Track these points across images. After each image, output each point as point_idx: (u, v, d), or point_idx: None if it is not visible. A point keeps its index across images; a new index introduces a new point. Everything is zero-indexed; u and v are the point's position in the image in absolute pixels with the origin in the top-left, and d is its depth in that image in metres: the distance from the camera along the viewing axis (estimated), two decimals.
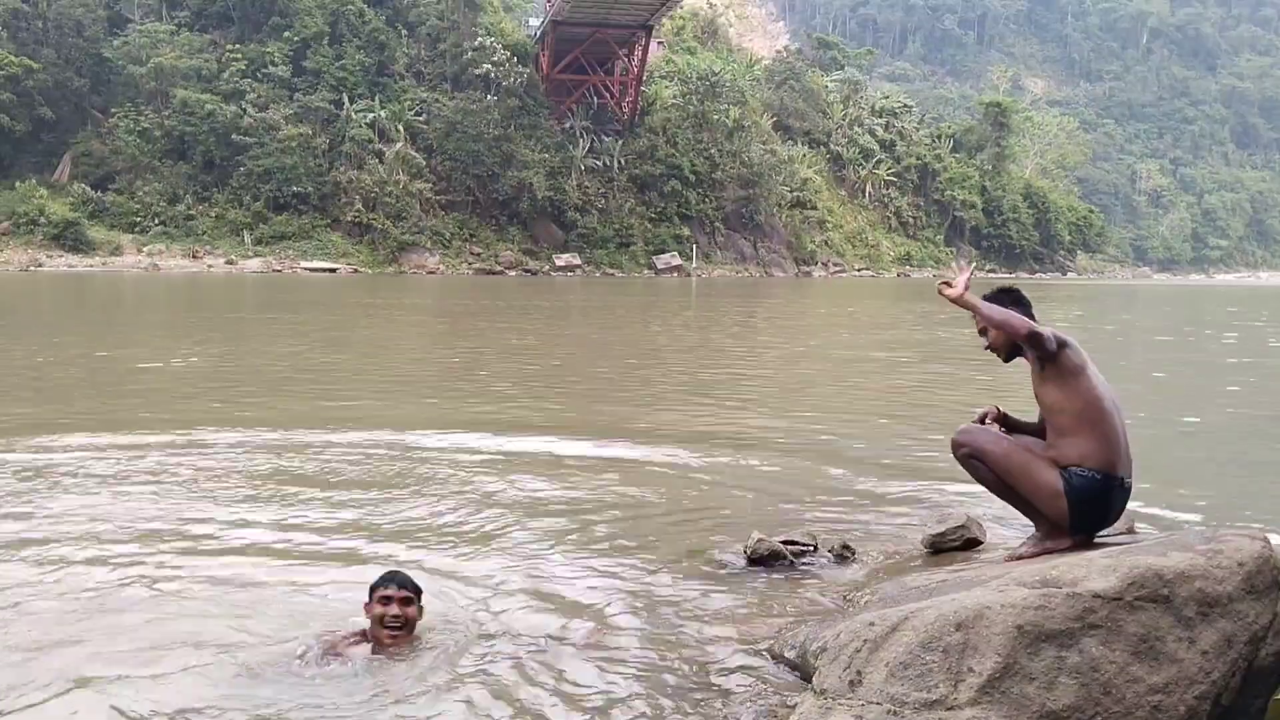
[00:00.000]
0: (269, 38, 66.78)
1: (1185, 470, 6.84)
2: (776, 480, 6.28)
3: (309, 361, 13.67)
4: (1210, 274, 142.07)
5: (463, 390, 10.80)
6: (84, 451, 6.72)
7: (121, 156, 61.67)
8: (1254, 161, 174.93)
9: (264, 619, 3.75)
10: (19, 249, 55.58)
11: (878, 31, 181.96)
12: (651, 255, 70.32)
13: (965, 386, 11.40)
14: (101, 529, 4.94)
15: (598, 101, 72.97)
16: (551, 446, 7.29)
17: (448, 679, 3.25)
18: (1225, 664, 2.66)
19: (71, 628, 3.66)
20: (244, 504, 5.50)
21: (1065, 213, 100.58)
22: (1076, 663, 2.57)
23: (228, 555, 4.62)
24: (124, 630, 3.65)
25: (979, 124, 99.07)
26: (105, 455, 6.62)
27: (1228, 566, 2.75)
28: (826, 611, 3.76)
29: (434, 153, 66.73)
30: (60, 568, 4.37)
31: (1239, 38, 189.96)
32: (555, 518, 5.29)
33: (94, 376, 11.57)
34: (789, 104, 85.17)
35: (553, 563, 4.54)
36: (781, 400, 10.46)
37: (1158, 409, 9.85)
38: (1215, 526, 5.07)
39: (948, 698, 2.54)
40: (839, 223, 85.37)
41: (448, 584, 4.16)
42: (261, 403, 9.50)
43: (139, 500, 5.51)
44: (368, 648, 3.41)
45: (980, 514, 4.70)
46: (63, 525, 5.00)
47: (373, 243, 63.60)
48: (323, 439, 7.28)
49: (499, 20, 73.87)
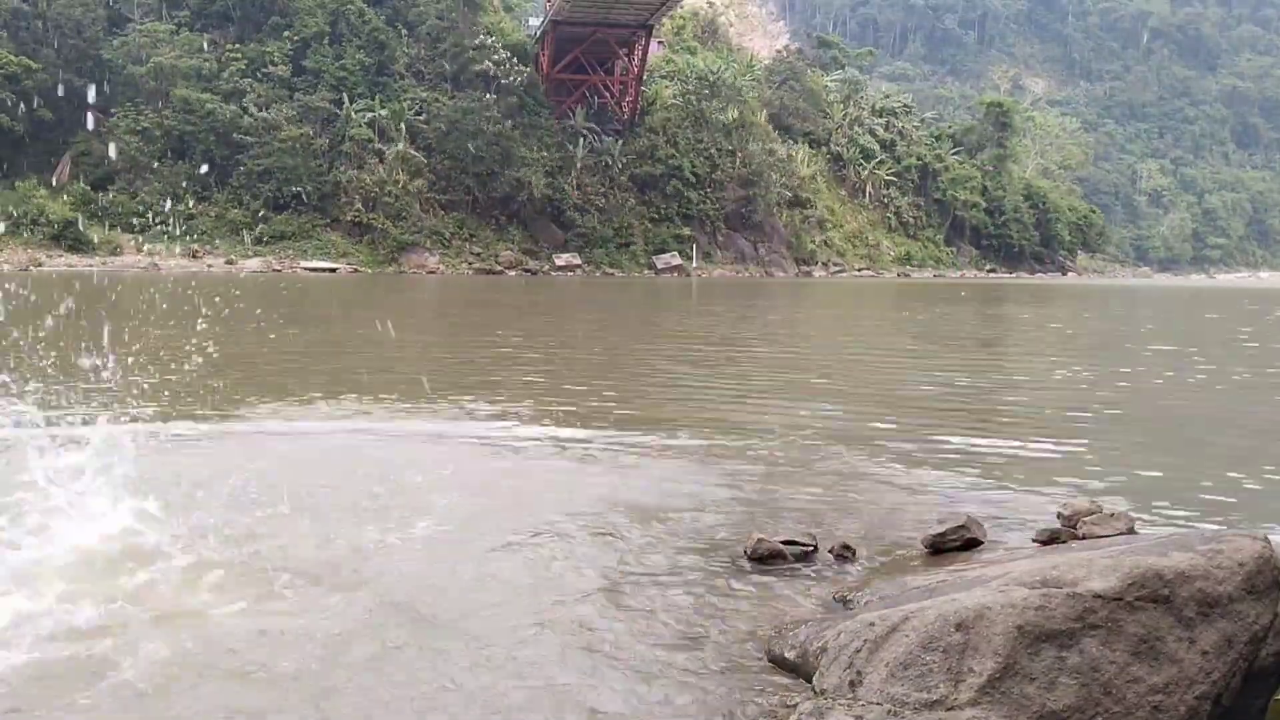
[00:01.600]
0: (269, 37, 66.83)
1: (1186, 469, 6.84)
2: (777, 479, 6.28)
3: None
4: (1211, 274, 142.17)
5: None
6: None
7: (121, 156, 61.69)
8: (1254, 161, 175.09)
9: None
10: (18, 249, 55.61)
11: (878, 31, 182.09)
12: (651, 255, 70.38)
13: (965, 385, 11.41)
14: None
15: (598, 101, 73.00)
16: (554, 432, 7.33)
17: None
18: (1225, 664, 2.66)
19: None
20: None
21: (1066, 213, 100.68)
22: (1077, 663, 2.57)
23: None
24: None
25: (980, 124, 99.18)
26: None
27: (1228, 567, 2.75)
28: (826, 611, 3.75)
29: (434, 152, 66.76)
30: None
31: (1239, 38, 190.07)
32: (554, 517, 5.29)
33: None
34: (789, 104, 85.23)
35: (553, 562, 4.54)
36: (780, 401, 10.46)
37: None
38: (1215, 526, 5.07)
39: (948, 698, 2.54)
40: (839, 222, 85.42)
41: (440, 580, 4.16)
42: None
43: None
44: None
45: (980, 514, 4.69)
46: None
47: (372, 242, 63.66)
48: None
49: (499, 20, 73.95)
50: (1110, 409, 9.84)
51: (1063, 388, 11.53)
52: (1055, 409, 9.65)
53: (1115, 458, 7.18)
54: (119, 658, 3.26)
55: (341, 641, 3.46)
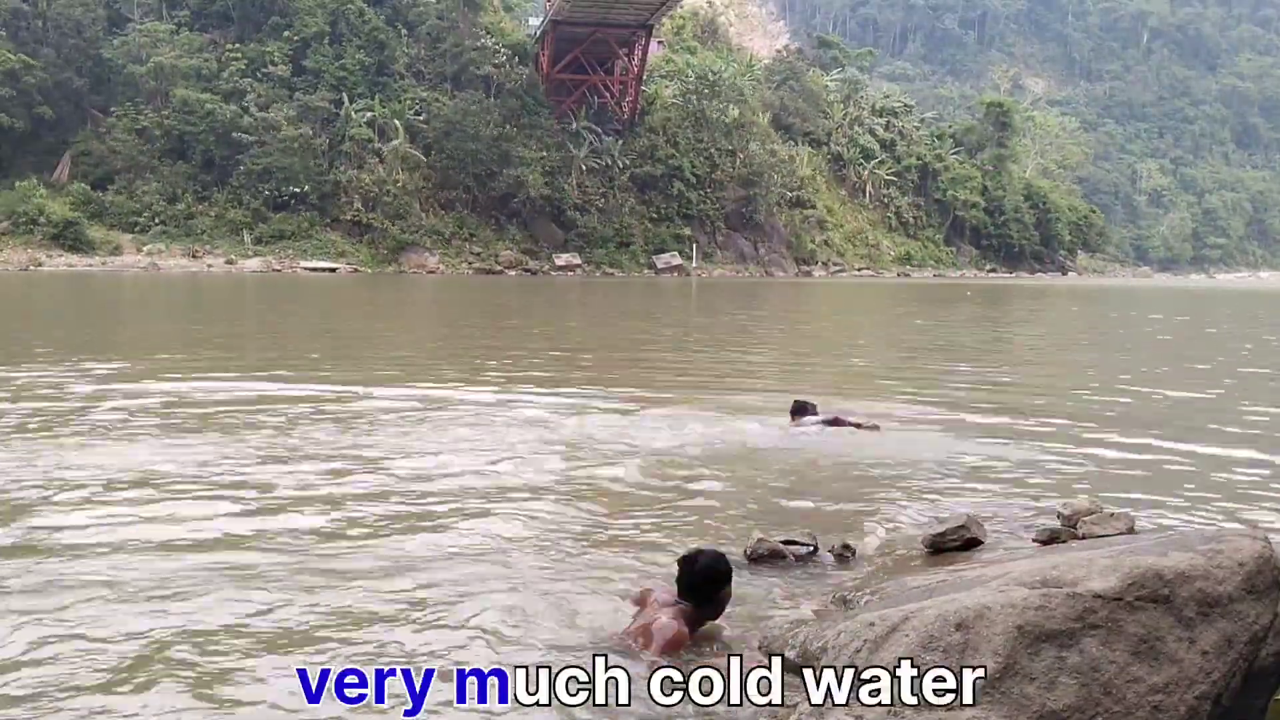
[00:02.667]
0: (269, 37, 66.79)
1: (1185, 469, 6.84)
2: (778, 479, 6.28)
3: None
4: (1211, 274, 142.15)
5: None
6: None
7: (121, 156, 61.67)
8: (1254, 161, 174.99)
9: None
10: (18, 248, 55.59)
11: (878, 31, 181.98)
12: (651, 255, 70.37)
13: (967, 385, 11.40)
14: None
15: (598, 101, 72.97)
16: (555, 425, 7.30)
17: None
18: (1225, 664, 2.66)
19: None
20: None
21: (1066, 212, 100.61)
22: (1077, 663, 2.57)
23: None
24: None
25: (980, 124, 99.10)
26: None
27: (1228, 566, 2.75)
28: (826, 611, 3.75)
29: (433, 152, 66.73)
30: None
31: (1239, 38, 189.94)
32: (553, 513, 5.29)
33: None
34: (789, 103, 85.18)
35: (553, 561, 4.54)
36: (779, 399, 10.45)
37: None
38: (1216, 526, 5.07)
39: None
40: (839, 222, 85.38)
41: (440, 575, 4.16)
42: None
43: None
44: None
45: (980, 514, 4.69)
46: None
47: (372, 242, 63.64)
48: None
49: (499, 20, 73.91)
50: (1111, 408, 9.84)
51: (1063, 388, 11.53)
52: (1056, 409, 9.65)
53: (1116, 457, 7.17)
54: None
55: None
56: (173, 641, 3.54)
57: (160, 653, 3.46)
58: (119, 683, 3.25)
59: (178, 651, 3.46)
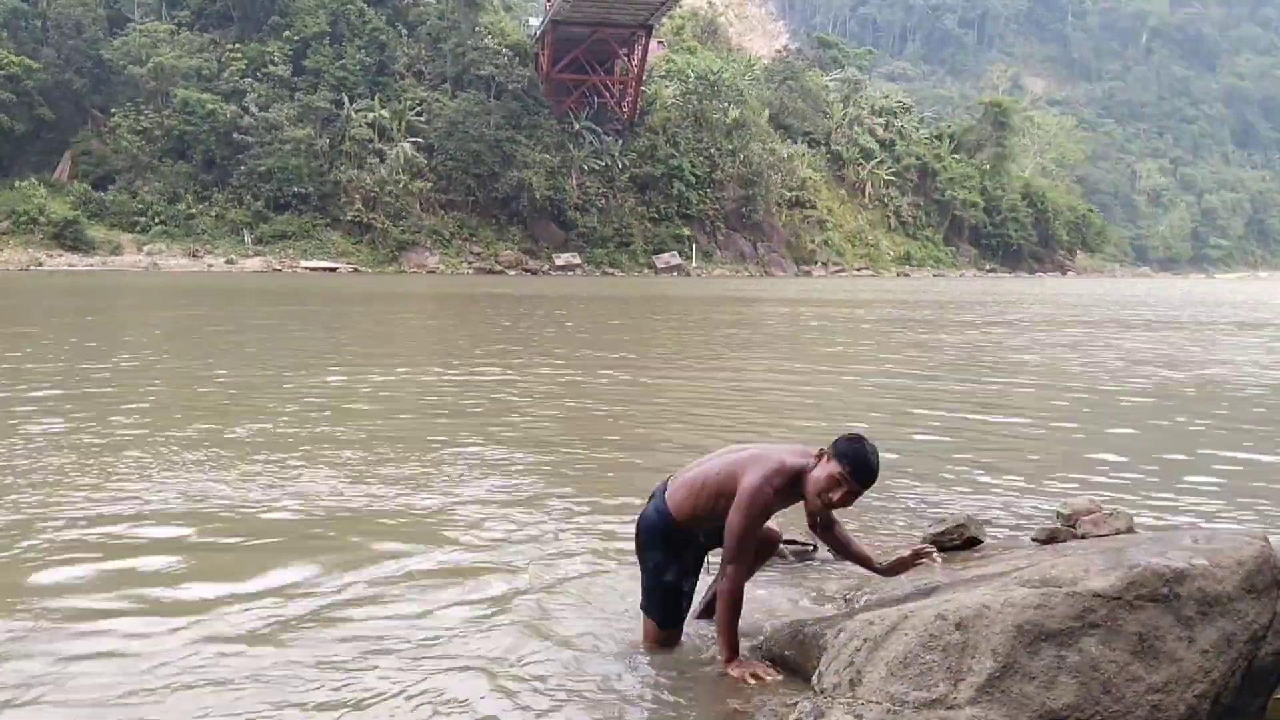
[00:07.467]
0: (269, 37, 66.84)
1: (1185, 469, 6.85)
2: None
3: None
4: (1210, 273, 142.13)
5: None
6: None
7: (121, 156, 61.71)
8: (1254, 161, 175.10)
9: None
10: (18, 248, 55.62)
11: (878, 31, 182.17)
12: (651, 254, 70.42)
13: (963, 388, 11.41)
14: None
15: (598, 101, 73.00)
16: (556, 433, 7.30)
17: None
18: (1225, 663, 2.66)
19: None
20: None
21: (1065, 212, 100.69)
22: (1076, 662, 2.57)
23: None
24: None
25: (979, 123, 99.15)
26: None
27: (1228, 566, 2.75)
28: (826, 611, 3.76)
29: (434, 152, 66.80)
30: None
31: (1239, 38, 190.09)
32: (554, 514, 5.30)
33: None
34: (789, 103, 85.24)
35: (552, 560, 4.54)
36: (780, 400, 10.47)
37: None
38: (1215, 526, 5.08)
39: (947, 697, 2.54)
40: (839, 222, 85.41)
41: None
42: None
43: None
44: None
45: (980, 514, 4.69)
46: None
47: (373, 242, 63.68)
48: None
49: (499, 20, 73.93)
50: (1111, 409, 9.85)
51: (1062, 387, 11.53)
52: (1057, 408, 9.66)
53: (1116, 457, 7.18)
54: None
55: None
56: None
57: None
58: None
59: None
